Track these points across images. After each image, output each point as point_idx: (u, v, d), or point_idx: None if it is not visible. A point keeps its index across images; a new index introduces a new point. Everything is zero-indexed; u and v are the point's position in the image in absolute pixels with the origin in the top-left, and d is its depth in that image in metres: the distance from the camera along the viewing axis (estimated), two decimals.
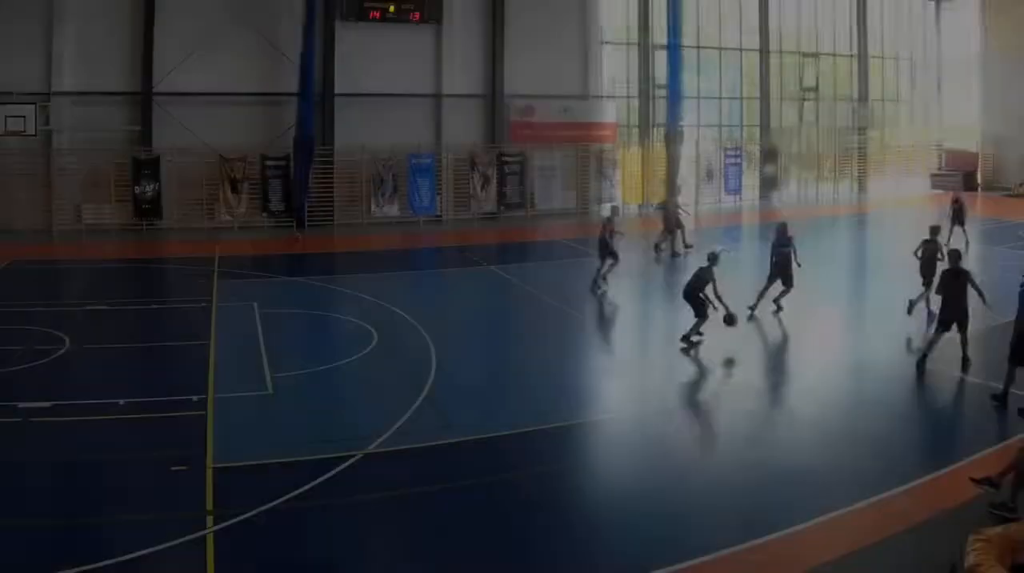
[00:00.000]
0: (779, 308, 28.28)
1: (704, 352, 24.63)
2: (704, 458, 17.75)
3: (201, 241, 43.44)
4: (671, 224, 40.83)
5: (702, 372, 23.77)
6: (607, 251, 32.82)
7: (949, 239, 39.50)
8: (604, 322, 29.99)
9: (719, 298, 24.79)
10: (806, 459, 17.17)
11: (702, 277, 24.86)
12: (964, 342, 22.44)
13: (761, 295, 28.19)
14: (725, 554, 13.25)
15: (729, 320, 25.02)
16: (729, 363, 24.05)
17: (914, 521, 14.33)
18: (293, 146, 47.26)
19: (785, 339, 27.32)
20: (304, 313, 29.83)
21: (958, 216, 40.21)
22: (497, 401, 21.02)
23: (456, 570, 13.32)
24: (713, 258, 25.14)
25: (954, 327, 22.43)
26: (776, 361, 25.34)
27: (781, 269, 28.05)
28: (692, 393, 22.23)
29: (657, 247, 40.32)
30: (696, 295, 24.86)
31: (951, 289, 22.45)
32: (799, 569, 13.04)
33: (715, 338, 25.03)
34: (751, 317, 27.68)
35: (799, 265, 28.28)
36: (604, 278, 32.54)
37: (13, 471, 16.30)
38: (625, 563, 13.26)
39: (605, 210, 39.53)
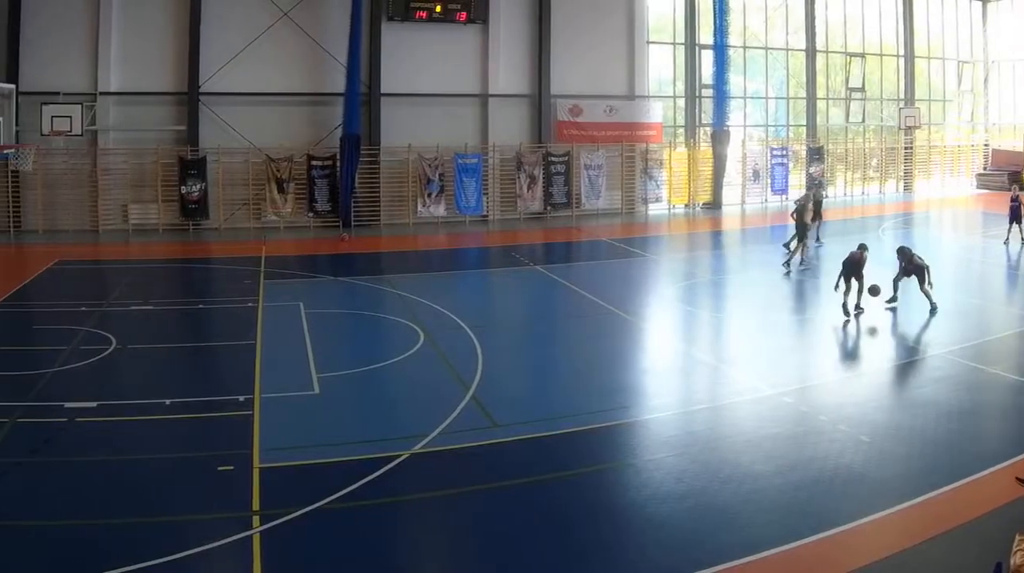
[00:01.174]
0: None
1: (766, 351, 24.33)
2: (751, 457, 16.97)
3: (247, 241, 43.00)
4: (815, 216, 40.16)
5: (752, 368, 22.78)
6: (804, 233, 35.78)
7: (1008, 238, 38.92)
8: (652, 321, 28.97)
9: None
10: (852, 458, 16.68)
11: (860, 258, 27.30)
12: None
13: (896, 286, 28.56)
14: (771, 554, 13.06)
15: (873, 291, 27.35)
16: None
17: (960, 521, 14.06)
18: (339, 146, 46.62)
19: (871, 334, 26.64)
20: (350, 313, 29.26)
21: (1015, 214, 39.47)
22: (543, 401, 20.60)
23: (503, 570, 13.07)
24: (863, 247, 27.67)
25: None
26: (842, 358, 24.68)
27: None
28: (740, 391, 21.16)
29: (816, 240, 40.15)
30: (858, 273, 27.17)
31: None
32: (845, 569, 12.74)
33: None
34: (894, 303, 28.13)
35: (931, 284, 28.17)
36: (803, 259, 35.48)
37: (59, 471, 16.08)
38: (671, 562, 13.09)
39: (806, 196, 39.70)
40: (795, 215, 36.35)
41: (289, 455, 16.77)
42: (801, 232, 35.81)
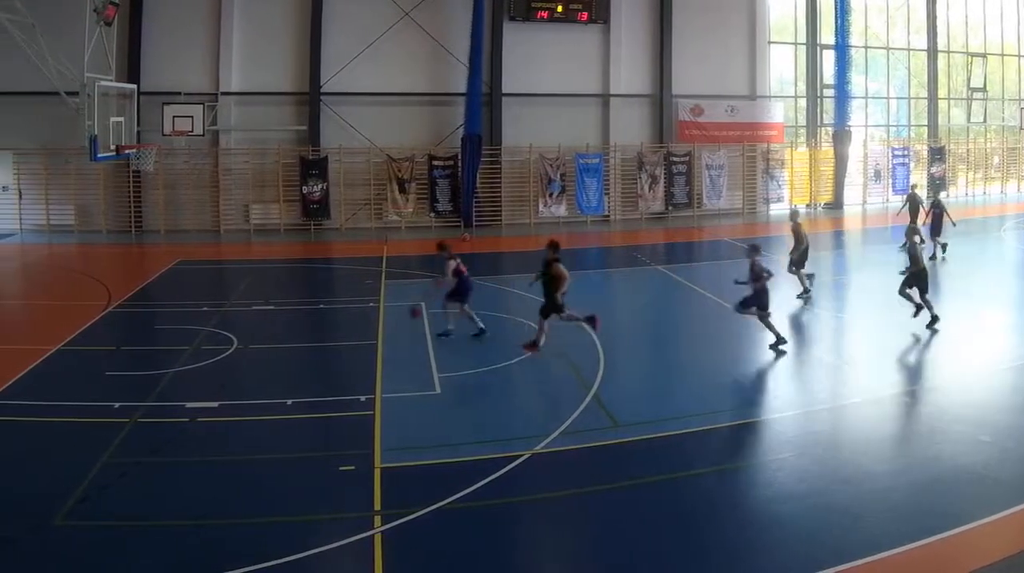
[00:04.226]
0: None
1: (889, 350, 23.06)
2: (872, 457, 16.00)
3: (368, 241, 41.66)
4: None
5: (873, 369, 21.50)
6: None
7: None
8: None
9: None
10: (973, 458, 15.62)
11: None
12: None
13: None
14: (892, 553, 12.30)
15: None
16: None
17: None
18: (461, 146, 44.76)
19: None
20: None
21: None
22: (665, 401, 19.57)
23: (625, 570, 12.29)
24: None
25: None
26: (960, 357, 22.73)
27: None
28: (861, 391, 19.69)
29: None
30: None
31: None
32: (966, 569, 12.07)
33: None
34: None
35: None
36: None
37: (180, 471, 15.56)
38: (793, 562, 12.36)
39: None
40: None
41: (410, 455, 16.05)
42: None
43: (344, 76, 44.27)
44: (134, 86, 38.73)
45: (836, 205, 53.59)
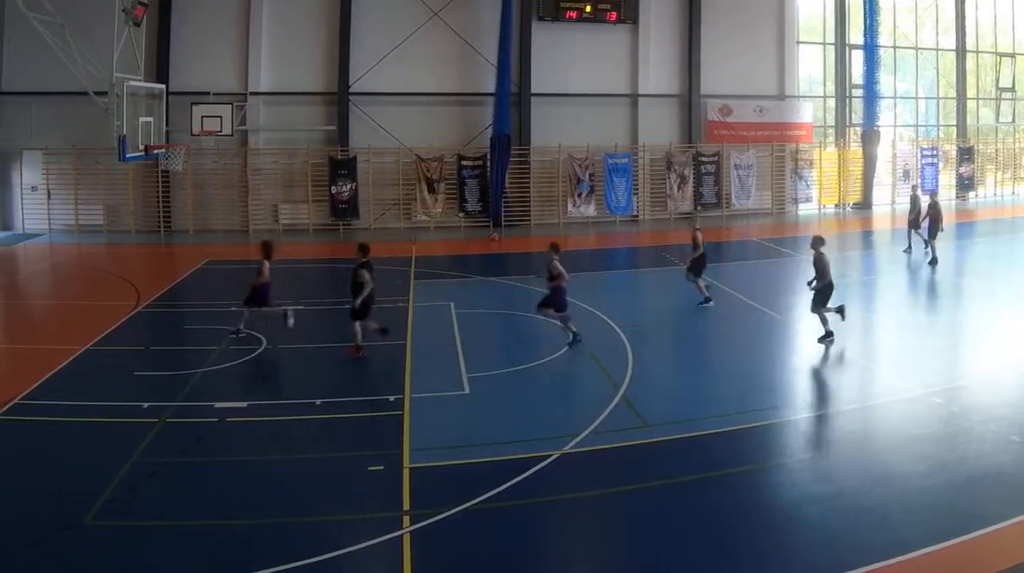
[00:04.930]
0: None
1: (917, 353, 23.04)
2: (901, 457, 15.96)
3: (397, 241, 41.03)
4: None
5: (900, 369, 21.29)
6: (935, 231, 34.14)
7: None
8: (802, 321, 26.54)
9: None
10: (1002, 458, 15.58)
11: None
12: None
13: None
14: (921, 554, 12.30)
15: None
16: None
17: None
18: (490, 146, 44.29)
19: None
20: (500, 313, 28.07)
21: None
22: (694, 401, 19.48)
23: (654, 570, 12.30)
24: None
25: None
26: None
27: None
28: (889, 392, 19.79)
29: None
30: None
31: None
32: (994, 569, 11.97)
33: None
34: None
35: None
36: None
37: (210, 470, 15.55)
38: (822, 562, 12.34)
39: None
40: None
41: (439, 455, 16.08)
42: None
43: (373, 76, 43.88)
44: (163, 86, 38.33)
45: (865, 205, 52.94)
